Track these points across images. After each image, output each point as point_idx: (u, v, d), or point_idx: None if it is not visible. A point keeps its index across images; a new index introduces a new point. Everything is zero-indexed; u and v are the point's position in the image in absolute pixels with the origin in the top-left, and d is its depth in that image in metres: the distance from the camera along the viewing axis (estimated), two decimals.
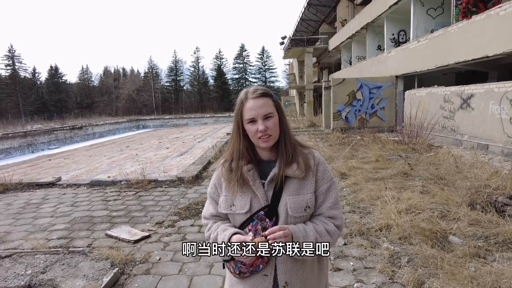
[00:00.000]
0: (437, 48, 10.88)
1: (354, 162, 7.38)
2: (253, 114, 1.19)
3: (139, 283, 2.99)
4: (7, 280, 2.97)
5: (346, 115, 14.56)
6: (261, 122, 1.18)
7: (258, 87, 1.26)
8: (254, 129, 1.19)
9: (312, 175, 1.24)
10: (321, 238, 1.18)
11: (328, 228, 1.22)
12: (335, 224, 1.24)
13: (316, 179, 1.25)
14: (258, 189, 1.22)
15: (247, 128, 1.21)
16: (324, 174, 1.27)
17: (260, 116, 1.18)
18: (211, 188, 1.35)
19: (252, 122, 1.20)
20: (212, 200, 1.35)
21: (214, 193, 1.34)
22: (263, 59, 67.63)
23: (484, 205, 4.13)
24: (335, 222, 1.24)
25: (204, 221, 1.37)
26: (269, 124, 1.18)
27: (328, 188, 1.26)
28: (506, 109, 7.67)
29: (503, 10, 7.93)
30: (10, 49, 55.00)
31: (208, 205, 1.37)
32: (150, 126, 44.39)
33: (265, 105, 1.20)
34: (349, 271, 3.01)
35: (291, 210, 1.19)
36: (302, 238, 1.14)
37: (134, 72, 70.75)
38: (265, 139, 1.19)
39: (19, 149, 23.56)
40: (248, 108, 1.20)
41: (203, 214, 1.39)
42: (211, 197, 1.35)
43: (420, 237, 3.39)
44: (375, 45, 18.48)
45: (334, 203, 1.26)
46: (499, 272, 2.64)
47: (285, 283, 1.19)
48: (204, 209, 1.39)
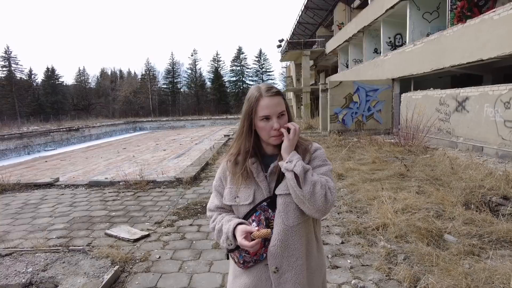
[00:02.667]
0: (433, 52, 11.03)
1: (351, 163, 7.46)
2: (268, 112, 1.23)
3: (139, 280, 3.02)
4: (8, 278, 2.99)
5: (343, 118, 14.68)
6: (276, 120, 1.24)
7: (270, 85, 1.30)
8: (269, 126, 1.24)
9: (308, 158, 1.29)
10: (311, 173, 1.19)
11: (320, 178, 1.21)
12: (327, 181, 1.22)
13: (310, 159, 1.30)
14: (261, 181, 1.27)
15: (260, 124, 1.26)
16: (318, 156, 1.31)
17: (276, 114, 1.24)
18: (216, 181, 1.41)
19: (266, 119, 1.24)
20: (217, 193, 1.40)
21: (219, 186, 1.39)
22: (260, 61, 67.96)
23: (478, 205, 4.21)
24: (328, 180, 1.23)
25: (209, 213, 1.42)
26: (282, 122, 1.25)
27: (320, 165, 1.29)
28: (501, 111, 7.79)
29: (497, 14, 8.07)
30: (6, 50, 54.88)
31: (213, 197, 1.42)
32: (147, 128, 44.34)
33: (280, 104, 1.25)
34: (346, 268, 3.07)
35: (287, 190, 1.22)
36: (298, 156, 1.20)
37: (131, 74, 70.80)
38: (278, 137, 1.25)
39: (15, 150, 23.44)
40: (264, 106, 1.23)
41: (208, 206, 1.43)
42: (216, 190, 1.40)
43: (416, 236, 3.45)
44: (372, 48, 18.66)
45: (325, 173, 1.27)
46: (493, 269, 2.70)
47: (275, 269, 1.22)
48: (209, 202, 1.44)
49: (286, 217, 1.23)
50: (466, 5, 10.65)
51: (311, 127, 18.46)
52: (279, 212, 1.23)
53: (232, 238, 1.21)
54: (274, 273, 1.22)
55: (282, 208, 1.23)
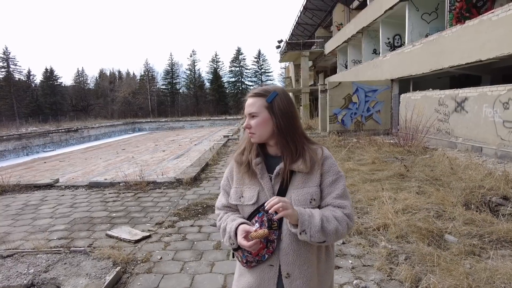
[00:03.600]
0: (432, 52, 11.06)
1: (350, 164, 7.47)
2: (245, 111, 1.32)
3: (141, 281, 3.03)
4: (10, 279, 2.98)
5: (342, 118, 14.70)
6: (247, 120, 1.30)
7: (258, 87, 1.35)
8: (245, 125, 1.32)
9: (318, 169, 1.28)
10: (327, 222, 1.18)
11: (336, 214, 1.22)
12: (344, 213, 1.23)
13: (321, 173, 1.29)
14: (265, 182, 1.29)
15: None
16: (330, 168, 1.30)
17: (247, 114, 1.31)
18: (224, 181, 1.44)
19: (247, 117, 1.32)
20: (224, 192, 1.43)
21: (227, 185, 1.42)
22: (259, 62, 67.97)
23: (478, 205, 4.23)
24: (344, 211, 1.24)
25: (216, 212, 1.45)
26: (251, 123, 1.29)
27: (334, 181, 1.28)
28: (499, 112, 7.82)
29: (495, 15, 8.11)
30: (5, 51, 54.66)
31: (221, 196, 1.45)
32: (146, 129, 44.29)
33: (253, 104, 1.29)
34: (348, 269, 3.08)
35: (295, 202, 1.24)
36: (308, 216, 1.16)
37: (130, 75, 70.62)
38: (251, 135, 1.31)
39: (14, 151, 23.38)
40: (245, 105, 1.32)
41: (216, 205, 1.47)
42: (223, 189, 1.43)
43: (416, 236, 3.46)
44: (371, 49, 18.70)
45: (342, 194, 1.27)
46: (494, 269, 2.72)
47: (287, 274, 1.25)
48: (217, 200, 1.47)
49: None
50: (465, 6, 10.70)
51: (311, 128, 18.48)
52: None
53: (234, 237, 1.24)
54: (286, 278, 1.25)
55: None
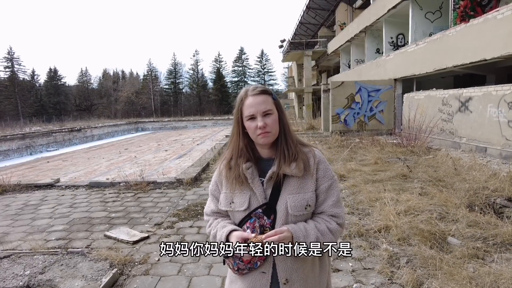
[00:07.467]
0: (436, 52, 10.95)
1: (353, 164, 7.40)
2: (252, 111, 1.20)
3: (138, 283, 2.98)
4: (5, 281, 2.95)
5: (345, 118, 14.60)
6: (260, 119, 1.19)
7: (257, 85, 1.27)
8: (254, 126, 1.20)
9: (313, 174, 1.24)
10: (323, 237, 1.17)
11: (330, 226, 1.21)
12: (338, 223, 1.23)
13: (316, 178, 1.25)
14: (256, 187, 1.23)
15: (246, 125, 1.22)
16: (325, 173, 1.26)
17: (260, 113, 1.19)
18: (212, 186, 1.37)
19: (252, 119, 1.20)
20: (213, 197, 1.36)
21: (215, 190, 1.35)
22: (262, 62, 67.86)
23: (482, 206, 4.14)
24: (338, 221, 1.23)
25: (205, 218, 1.39)
26: (268, 121, 1.19)
27: (329, 187, 1.25)
28: (504, 112, 7.71)
29: (500, 14, 7.99)
30: (9, 51, 55.09)
31: (210, 202, 1.38)
32: (149, 128, 44.34)
33: (265, 102, 1.21)
34: (348, 271, 3.02)
35: (291, 209, 1.19)
36: (303, 237, 1.14)
37: (133, 74, 70.84)
38: (264, 134, 1.19)
39: (17, 151, 23.48)
40: (248, 105, 1.21)
41: (205, 210, 1.40)
42: (212, 194, 1.37)
43: (419, 238, 3.39)
44: (374, 49, 18.59)
45: (336, 201, 1.25)
46: (498, 273, 2.64)
47: (285, 280, 1.19)
48: (206, 206, 1.41)
49: None
50: (469, 4, 10.57)
51: (313, 128, 18.38)
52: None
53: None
54: (284, 284, 1.20)
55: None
